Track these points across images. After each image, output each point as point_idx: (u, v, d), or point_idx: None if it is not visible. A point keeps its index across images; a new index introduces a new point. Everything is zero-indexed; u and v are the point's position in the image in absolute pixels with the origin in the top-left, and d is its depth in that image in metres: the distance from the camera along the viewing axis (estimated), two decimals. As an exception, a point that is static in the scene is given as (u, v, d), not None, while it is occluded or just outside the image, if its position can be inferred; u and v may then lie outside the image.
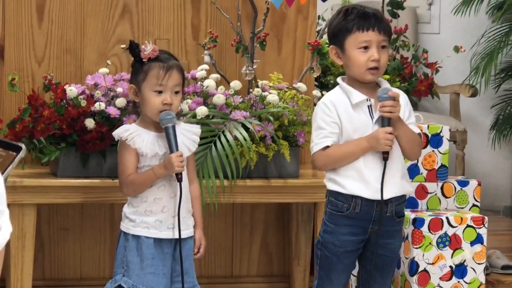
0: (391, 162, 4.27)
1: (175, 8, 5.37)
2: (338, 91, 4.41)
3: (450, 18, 7.86)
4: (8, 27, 5.19)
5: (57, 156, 4.82)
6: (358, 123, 4.32)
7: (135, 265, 4.38)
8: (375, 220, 4.31)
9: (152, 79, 4.33)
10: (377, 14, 4.39)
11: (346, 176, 4.33)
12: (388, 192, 4.28)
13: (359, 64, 4.29)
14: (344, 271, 4.44)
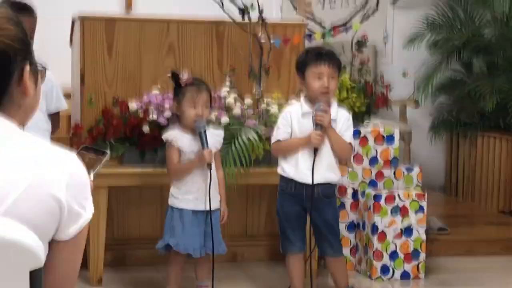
0: (320, 157, 4.39)
1: (205, 47, 5.35)
2: (297, 104, 4.54)
3: (400, 52, 7.81)
4: (87, 60, 5.17)
5: (122, 152, 4.81)
6: (304, 127, 4.42)
7: (178, 229, 4.38)
8: (306, 199, 4.41)
9: (188, 98, 4.34)
10: (329, 53, 4.50)
11: (287, 163, 4.47)
12: (315, 179, 4.36)
13: (314, 89, 4.40)
14: (294, 230, 4.54)
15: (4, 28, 1.82)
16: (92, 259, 4.92)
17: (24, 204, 1.70)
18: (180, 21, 5.37)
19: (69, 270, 1.85)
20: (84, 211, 1.82)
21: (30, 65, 1.88)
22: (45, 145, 1.81)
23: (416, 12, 7.78)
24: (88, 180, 1.85)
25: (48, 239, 1.77)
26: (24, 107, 1.89)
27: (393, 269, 5.26)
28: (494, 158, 7.22)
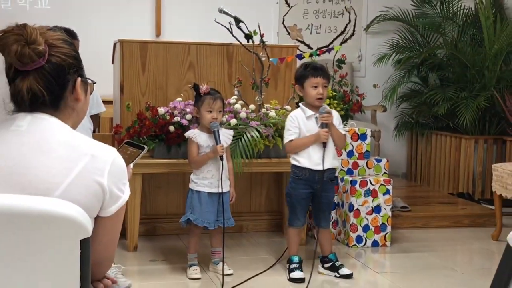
0: (327, 149, 4.38)
1: (218, 64, 5.34)
2: (299, 110, 4.51)
3: (371, 68, 7.80)
4: (125, 74, 5.16)
5: (153, 147, 4.80)
6: (309, 127, 4.41)
7: (197, 207, 4.37)
8: (317, 181, 4.40)
9: (206, 105, 4.32)
10: (323, 68, 4.47)
11: (301, 156, 4.43)
12: (325, 166, 4.36)
13: (311, 96, 4.39)
14: (301, 209, 4.51)
15: (60, 47, 1.85)
16: (129, 231, 4.92)
17: (75, 188, 1.72)
18: (198, 44, 5.36)
19: (111, 239, 1.87)
20: (123, 193, 1.84)
21: (81, 77, 1.90)
22: (91, 142, 1.83)
23: (384, 36, 7.76)
24: (125, 168, 1.87)
25: (94, 216, 1.80)
26: (76, 111, 1.92)
27: (365, 239, 5.26)
28: (445, 152, 7.22)
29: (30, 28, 1.80)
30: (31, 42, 1.78)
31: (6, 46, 1.78)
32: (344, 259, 4.86)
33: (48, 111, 1.83)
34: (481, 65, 6.94)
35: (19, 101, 1.82)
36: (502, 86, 6.85)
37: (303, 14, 7.70)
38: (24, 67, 1.79)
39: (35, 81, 1.80)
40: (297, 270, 4.43)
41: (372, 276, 4.62)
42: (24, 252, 1.52)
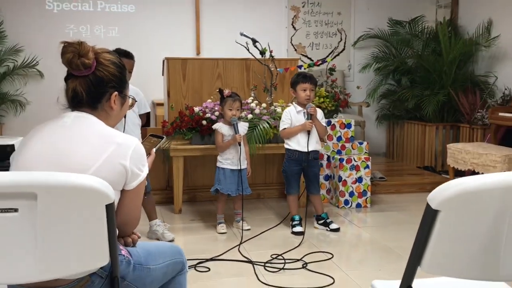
0: (311, 136, 4.36)
1: (239, 74, 5.34)
2: (292, 106, 4.49)
3: (358, 74, 7.73)
4: (171, 83, 5.19)
5: (191, 136, 4.81)
6: (298, 119, 4.38)
7: (222, 180, 4.39)
8: (304, 160, 4.38)
9: (228, 104, 4.33)
10: (311, 76, 4.44)
11: (292, 141, 4.42)
12: (309, 148, 4.34)
13: (301, 97, 4.39)
14: (294, 181, 4.50)
15: (107, 66, 1.85)
16: (175, 198, 4.94)
17: (104, 169, 1.73)
18: (224, 59, 5.34)
19: (134, 206, 1.87)
20: (142, 172, 1.84)
21: (119, 93, 1.90)
22: (118, 134, 1.83)
23: (367, 50, 7.65)
24: (144, 153, 1.86)
25: (120, 189, 1.80)
26: (110, 117, 1.92)
27: (351, 202, 5.23)
28: (414, 136, 7.13)
29: (86, 45, 1.82)
30: (82, 55, 1.80)
31: (64, 54, 1.81)
32: (335, 217, 4.84)
33: (86, 109, 1.85)
34: (440, 70, 6.83)
35: (67, 97, 1.86)
36: (456, 86, 6.76)
37: (306, 35, 7.64)
38: (73, 72, 1.82)
39: (80, 85, 1.82)
40: (297, 226, 4.43)
41: (356, 229, 4.59)
42: (66, 214, 1.54)
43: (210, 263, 3.72)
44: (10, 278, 1.58)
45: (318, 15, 7.66)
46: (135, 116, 4.15)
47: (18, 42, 6.77)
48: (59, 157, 1.72)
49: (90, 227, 1.57)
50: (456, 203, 1.49)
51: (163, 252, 2.01)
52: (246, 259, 3.77)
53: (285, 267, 3.63)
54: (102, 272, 1.73)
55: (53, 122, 1.82)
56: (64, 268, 1.59)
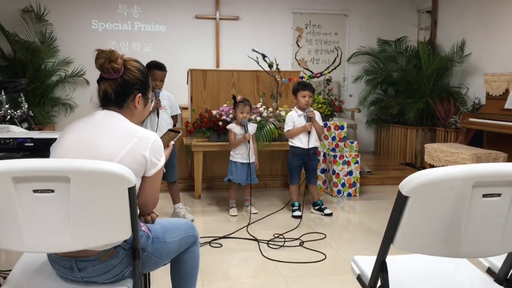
0: (311, 135, 4.31)
1: (250, 83, 5.31)
2: (293, 111, 4.41)
3: (351, 85, 7.68)
4: (193, 90, 5.17)
5: (209, 135, 4.79)
6: (300, 122, 4.33)
7: (234, 171, 4.36)
8: (305, 155, 4.33)
9: (239, 108, 4.30)
10: (309, 84, 4.38)
11: (295, 140, 4.37)
12: (310, 145, 4.30)
13: (301, 103, 4.32)
14: (296, 173, 4.44)
15: (133, 72, 1.84)
16: (196, 186, 4.92)
17: (127, 159, 1.72)
18: (238, 71, 5.31)
19: (152, 190, 1.84)
20: (159, 162, 1.82)
21: (142, 95, 1.88)
22: (140, 129, 1.81)
23: (359, 65, 7.58)
24: (162, 145, 1.85)
25: (141, 176, 1.79)
26: (134, 115, 1.90)
27: (343, 191, 5.18)
28: (398, 137, 7.05)
29: (116, 53, 1.82)
30: (112, 61, 1.79)
31: (97, 59, 1.80)
32: (329, 204, 4.80)
33: (114, 107, 1.84)
34: (420, 82, 6.75)
35: (98, 96, 1.85)
36: (433, 95, 6.66)
37: (308, 52, 7.60)
38: (104, 75, 1.81)
39: (110, 86, 1.81)
40: (297, 211, 4.39)
41: (346, 214, 4.55)
42: (94, 195, 1.53)
43: (222, 240, 3.70)
44: (49, 247, 1.58)
45: (318, 35, 7.61)
46: (167, 117, 4.11)
47: (68, 55, 6.80)
48: (89, 148, 1.71)
49: (114, 206, 1.56)
50: (422, 190, 1.47)
51: (178, 228, 2.00)
52: (253, 238, 3.75)
53: (285, 244, 3.61)
54: (125, 244, 1.72)
55: (85, 119, 1.82)
56: (93, 240, 1.58)
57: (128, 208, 1.58)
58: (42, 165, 1.45)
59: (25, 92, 6.21)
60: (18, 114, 4.22)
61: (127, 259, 1.73)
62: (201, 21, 7.21)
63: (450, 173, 1.42)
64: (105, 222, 1.57)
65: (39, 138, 2.40)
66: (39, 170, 1.44)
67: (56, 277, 1.77)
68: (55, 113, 6.80)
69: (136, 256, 1.71)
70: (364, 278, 1.80)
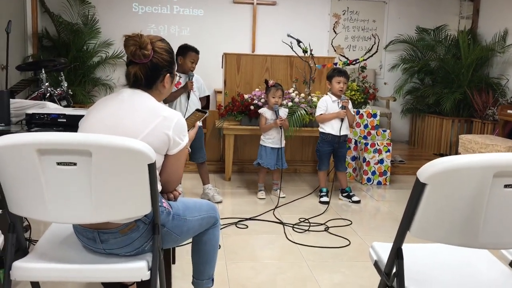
0: (343, 123, 4.25)
1: (284, 68, 5.26)
2: (327, 96, 4.34)
3: (387, 73, 7.51)
4: (227, 74, 5.17)
5: (241, 118, 4.79)
6: (334, 107, 4.27)
7: (264, 155, 4.35)
8: (336, 142, 4.27)
9: (271, 93, 4.27)
10: (344, 71, 4.32)
11: (326, 126, 4.31)
12: (341, 132, 4.24)
13: (336, 89, 4.25)
14: (325, 159, 4.39)
15: (161, 53, 1.86)
16: (226, 168, 4.94)
17: (151, 137, 1.73)
18: (272, 56, 5.26)
19: (175, 168, 1.86)
20: (182, 141, 1.83)
21: (169, 74, 1.90)
22: (165, 108, 1.83)
23: (396, 53, 7.41)
24: (185, 125, 1.86)
25: (164, 153, 1.80)
26: (162, 93, 1.92)
27: (373, 179, 5.10)
28: (433, 127, 6.89)
29: (145, 38, 1.83)
30: (142, 47, 1.81)
31: (127, 46, 1.82)
32: (358, 191, 4.75)
33: (143, 88, 1.86)
34: (458, 72, 6.55)
35: (127, 79, 1.87)
36: (471, 86, 6.46)
37: (345, 38, 7.47)
38: (135, 60, 1.82)
39: (139, 70, 1.83)
40: (324, 196, 4.36)
41: (375, 203, 4.48)
42: (115, 170, 1.55)
43: (248, 221, 3.72)
44: (71, 218, 1.62)
45: (356, 22, 7.46)
46: (196, 99, 4.14)
47: (109, 37, 6.90)
48: (115, 125, 1.73)
49: (135, 181, 1.59)
50: (441, 178, 1.42)
51: (199, 207, 2.01)
52: (278, 221, 3.76)
53: (310, 229, 3.60)
54: (145, 219, 1.75)
55: (113, 96, 1.85)
56: (114, 213, 1.61)
57: (148, 183, 1.59)
58: (65, 138, 1.48)
59: (67, 72, 6.39)
60: (57, 92, 4.33)
61: (147, 234, 1.76)
62: (238, 6, 7.18)
63: (470, 161, 1.37)
64: (126, 196, 1.59)
65: (72, 114, 2.46)
66: (62, 143, 1.47)
67: (80, 247, 1.82)
68: (95, 92, 6.94)
69: (155, 231, 1.73)
70: (380, 264, 1.77)
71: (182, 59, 4.05)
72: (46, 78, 4.30)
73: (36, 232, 3.18)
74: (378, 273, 1.78)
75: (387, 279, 1.61)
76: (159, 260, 1.72)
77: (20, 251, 1.69)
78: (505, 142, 4.83)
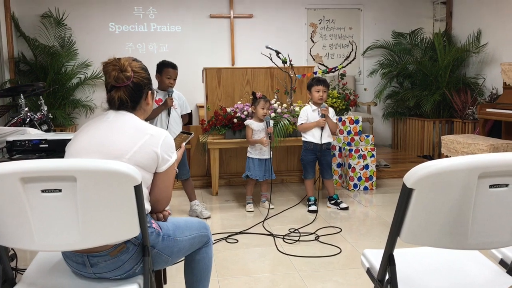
0: (324, 131, 4.29)
1: (264, 80, 5.28)
2: (308, 106, 4.38)
3: (367, 78, 7.58)
4: (208, 88, 5.17)
5: (224, 132, 4.78)
6: (314, 117, 4.30)
7: (251, 167, 4.34)
8: (318, 150, 4.29)
9: (261, 104, 4.28)
10: (324, 79, 4.35)
11: (308, 135, 4.34)
12: (322, 141, 4.27)
13: (315, 97, 4.29)
14: (310, 168, 4.39)
15: (140, 72, 1.86)
16: (213, 182, 4.91)
17: (139, 154, 1.73)
18: (252, 68, 5.29)
19: (164, 186, 1.86)
20: (171, 158, 1.83)
21: (150, 90, 1.91)
22: (151, 127, 1.83)
23: (374, 58, 7.50)
24: (173, 143, 1.86)
25: (153, 172, 1.79)
26: (145, 111, 1.94)
27: (359, 185, 5.13)
28: (415, 130, 6.96)
29: (123, 60, 1.83)
30: (123, 70, 1.81)
31: (107, 72, 1.82)
32: (345, 198, 4.76)
33: (128, 110, 1.86)
34: (436, 74, 6.64)
35: (112, 104, 1.86)
36: (450, 87, 6.56)
37: (322, 47, 7.53)
38: (117, 84, 1.82)
39: (124, 93, 1.83)
40: (312, 205, 4.36)
41: (363, 208, 4.50)
42: (101, 194, 1.54)
43: (238, 236, 3.70)
44: (59, 246, 1.59)
45: (332, 30, 7.54)
46: (177, 116, 4.13)
47: (87, 58, 6.87)
48: (101, 145, 1.73)
49: (122, 204, 1.57)
50: (427, 182, 1.43)
51: (190, 227, 2.00)
52: (268, 233, 3.74)
53: (300, 239, 3.59)
54: (135, 240, 1.73)
55: (98, 119, 1.85)
56: (102, 238, 1.59)
57: (135, 205, 1.58)
58: (48, 165, 1.46)
59: (46, 95, 6.33)
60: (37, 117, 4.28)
61: (137, 256, 1.74)
62: (215, 20, 7.21)
63: (454, 164, 1.39)
64: (113, 219, 1.57)
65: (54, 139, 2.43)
66: (46, 170, 1.45)
67: (70, 274, 1.78)
68: (76, 114, 6.88)
69: (145, 253, 1.71)
70: (373, 272, 1.77)
71: (159, 76, 4.05)
72: (25, 103, 4.25)
73: (23, 260, 3.12)
74: (371, 280, 1.78)
75: (381, 286, 1.62)
76: (151, 282, 1.70)
77: (7, 283, 1.65)
78: (486, 140, 4.90)
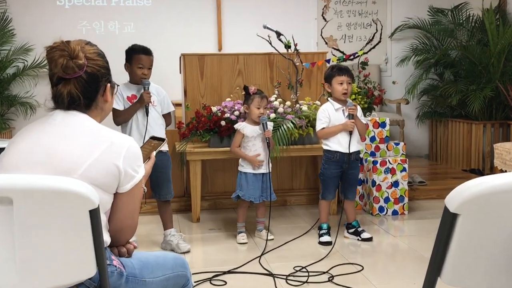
0: (353, 136, 4.26)
1: (262, 70, 5.34)
2: (328, 103, 4.38)
3: (395, 68, 7.65)
4: (188, 81, 5.21)
5: (208, 138, 4.81)
6: (337, 118, 4.29)
7: (244, 185, 4.36)
8: (345, 162, 4.27)
9: (255, 102, 4.29)
10: (347, 68, 4.36)
11: (332, 142, 4.32)
12: (351, 149, 4.24)
13: (338, 92, 4.28)
14: (332, 185, 4.39)
15: (95, 59, 1.86)
16: (193, 206, 4.94)
17: (95, 169, 1.73)
18: (245, 55, 5.34)
19: (129, 211, 1.86)
20: (137, 174, 1.83)
21: (109, 83, 1.92)
22: (111, 132, 1.84)
23: (405, 42, 7.58)
24: (140, 153, 1.86)
25: (113, 192, 1.80)
26: (104, 110, 1.94)
27: (386, 208, 5.15)
28: (459, 135, 7.01)
29: (74, 44, 1.83)
30: (74, 56, 1.81)
31: (53, 60, 1.81)
32: (368, 225, 4.78)
33: (81, 109, 1.86)
34: (487, 62, 6.71)
35: (59, 101, 1.86)
36: (505, 79, 6.63)
37: (337, 27, 7.60)
38: (66, 76, 1.82)
39: (75, 87, 1.83)
40: (325, 235, 4.38)
41: (391, 239, 4.51)
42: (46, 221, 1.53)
43: (227, 276, 3.70)
44: (-10, 290, 1.58)
45: (350, 5, 7.60)
46: (158, 116, 4.12)
47: (28, 41, 6.87)
48: (47, 156, 1.73)
49: (73, 234, 1.57)
50: (476, 205, 1.44)
51: (163, 264, 1.99)
52: (267, 272, 3.74)
53: (308, 280, 3.59)
54: (90, 283, 1.72)
55: (41, 121, 1.85)
56: (47, 279, 1.59)
57: (91, 236, 1.58)
58: (-25, 183, 1.46)
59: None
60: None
61: (94, 303, 1.73)
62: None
63: (510, 181, 1.39)
64: (62, 255, 1.57)
65: (-17, 148, 2.42)
66: (-28, 190, 1.46)
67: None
68: (11, 115, 6.88)
69: (104, 300, 1.71)
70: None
71: (129, 66, 4.06)
72: None
73: None
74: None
75: None
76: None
77: None
78: (552, 149, 4.93)
